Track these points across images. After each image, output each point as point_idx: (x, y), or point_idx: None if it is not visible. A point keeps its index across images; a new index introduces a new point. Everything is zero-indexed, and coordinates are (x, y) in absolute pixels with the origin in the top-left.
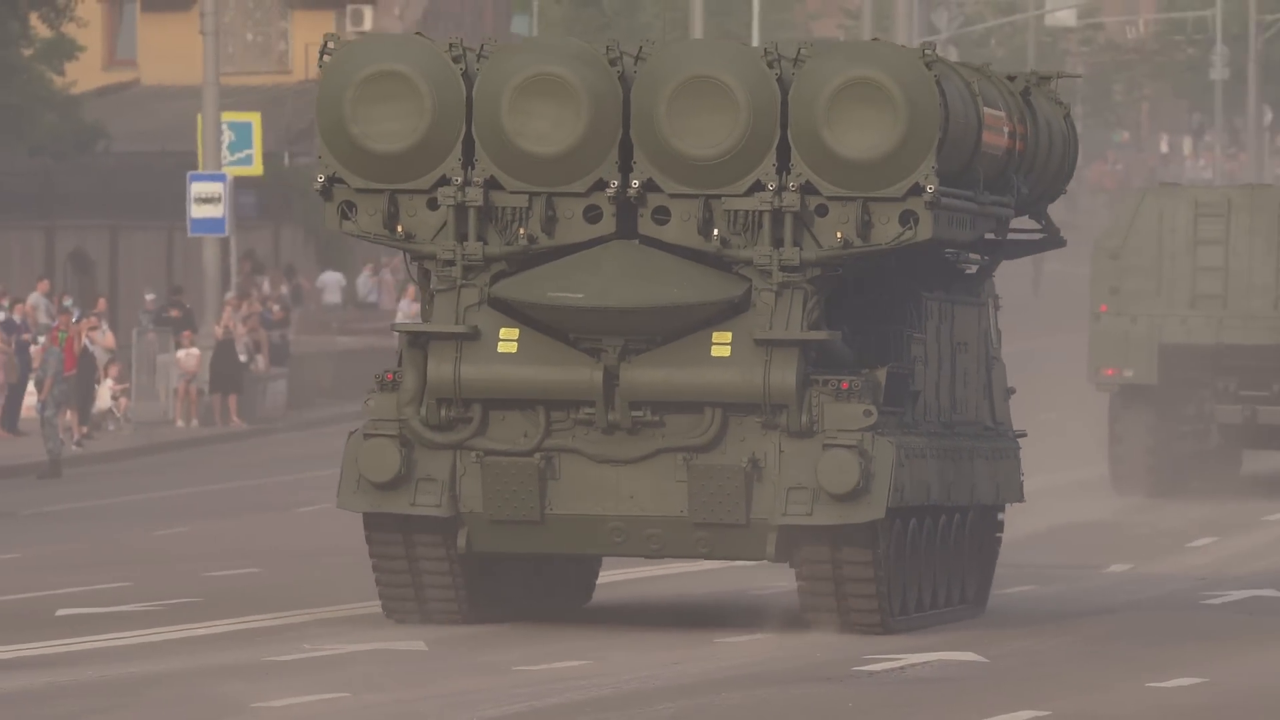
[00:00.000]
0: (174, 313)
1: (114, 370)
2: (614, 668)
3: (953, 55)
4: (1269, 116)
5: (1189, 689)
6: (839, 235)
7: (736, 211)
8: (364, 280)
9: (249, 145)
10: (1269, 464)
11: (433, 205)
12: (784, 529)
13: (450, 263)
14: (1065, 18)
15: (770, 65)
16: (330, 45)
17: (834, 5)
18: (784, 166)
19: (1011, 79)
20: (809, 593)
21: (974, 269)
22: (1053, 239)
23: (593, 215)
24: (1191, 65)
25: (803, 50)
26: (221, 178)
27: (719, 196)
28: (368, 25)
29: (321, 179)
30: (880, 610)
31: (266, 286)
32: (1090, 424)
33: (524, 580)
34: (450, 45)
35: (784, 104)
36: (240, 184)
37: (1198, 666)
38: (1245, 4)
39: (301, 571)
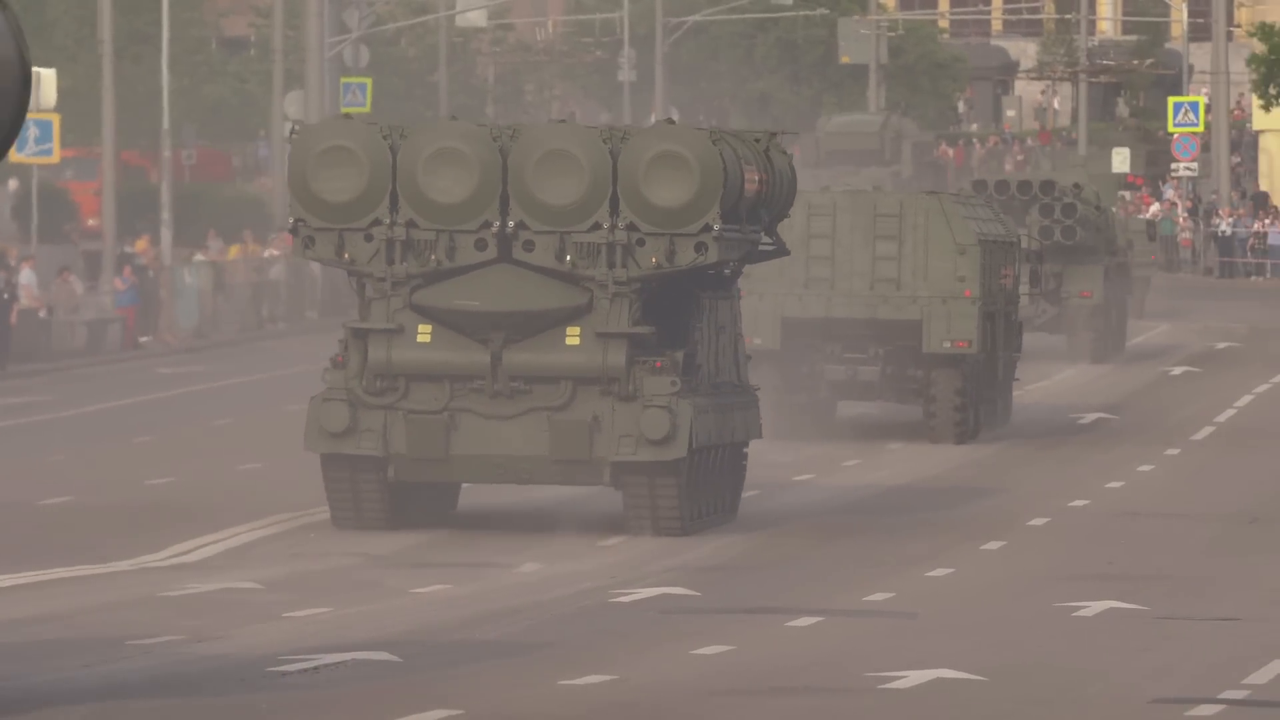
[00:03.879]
0: None
1: None
2: (26, 671)
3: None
4: (676, 117)
5: (600, 686)
6: (654, 260)
7: (582, 243)
8: None
9: None
10: (858, 409)
11: (368, 238)
12: (616, 464)
13: (382, 279)
14: (476, 19)
15: (605, 141)
16: (296, 128)
17: (244, 4)
18: (615, 212)
19: (757, 140)
20: (632, 509)
21: (728, 272)
22: (780, 250)
23: (481, 245)
24: (600, 67)
25: (628, 131)
26: None
27: (570, 232)
28: None
29: (292, 220)
30: (681, 520)
31: None
32: None
33: (405, 501)
34: (380, 127)
35: (614, 169)
36: None
37: (609, 664)
38: (652, 6)
39: None
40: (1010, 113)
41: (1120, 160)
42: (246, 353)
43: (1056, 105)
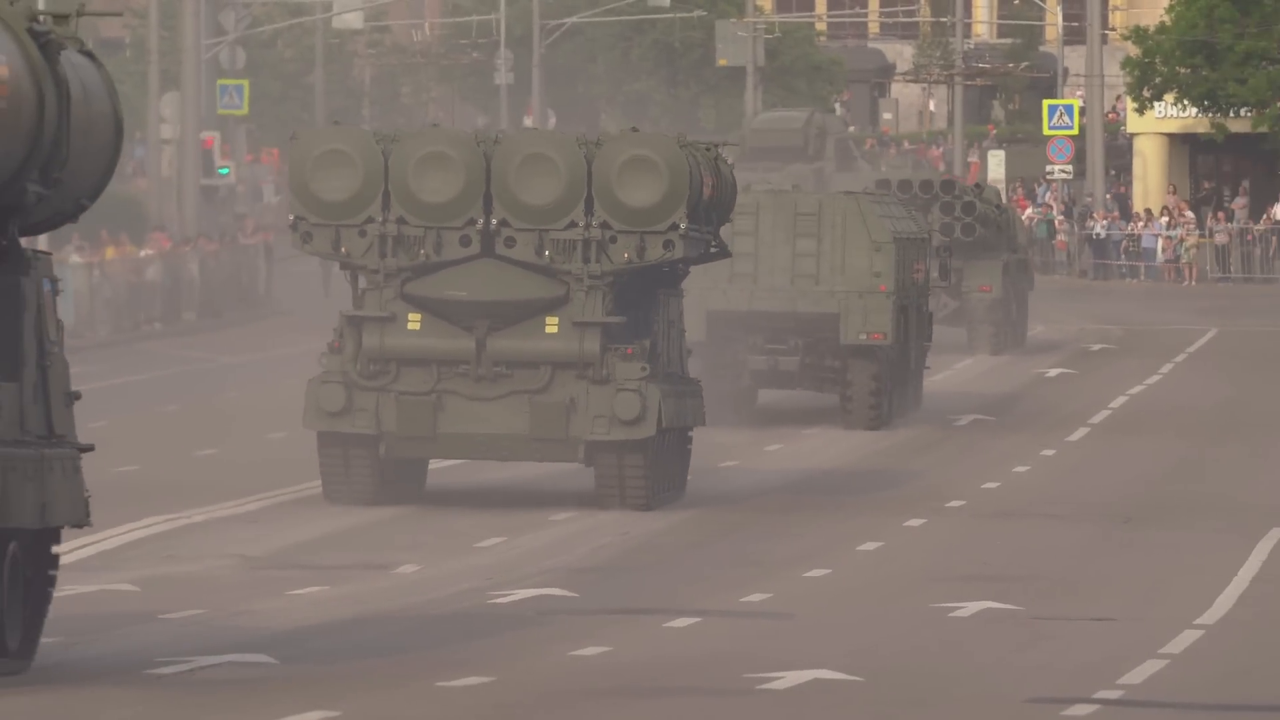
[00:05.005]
0: None
1: None
2: None
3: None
4: (552, 120)
5: (478, 688)
6: (626, 255)
7: (560, 239)
8: None
9: None
10: (777, 397)
11: (362, 234)
12: (590, 443)
13: (376, 272)
14: (352, 21)
15: (580, 146)
16: (296, 133)
17: (119, 3)
18: (590, 211)
19: (707, 149)
20: (603, 484)
21: (679, 272)
22: (724, 251)
23: (465, 241)
24: (476, 69)
25: (601, 137)
26: None
27: (548, 230)
28: None
29: (292, 217)
30: (647, 495)
31: None
32: None
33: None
34: (374, 133)
35: (589, 172)
36: None
37: (486, 665)
38: (529, 9)
39: None
40: (887, 115)
41: (996, 164)
42: (123, 354)
43: (933, 108)
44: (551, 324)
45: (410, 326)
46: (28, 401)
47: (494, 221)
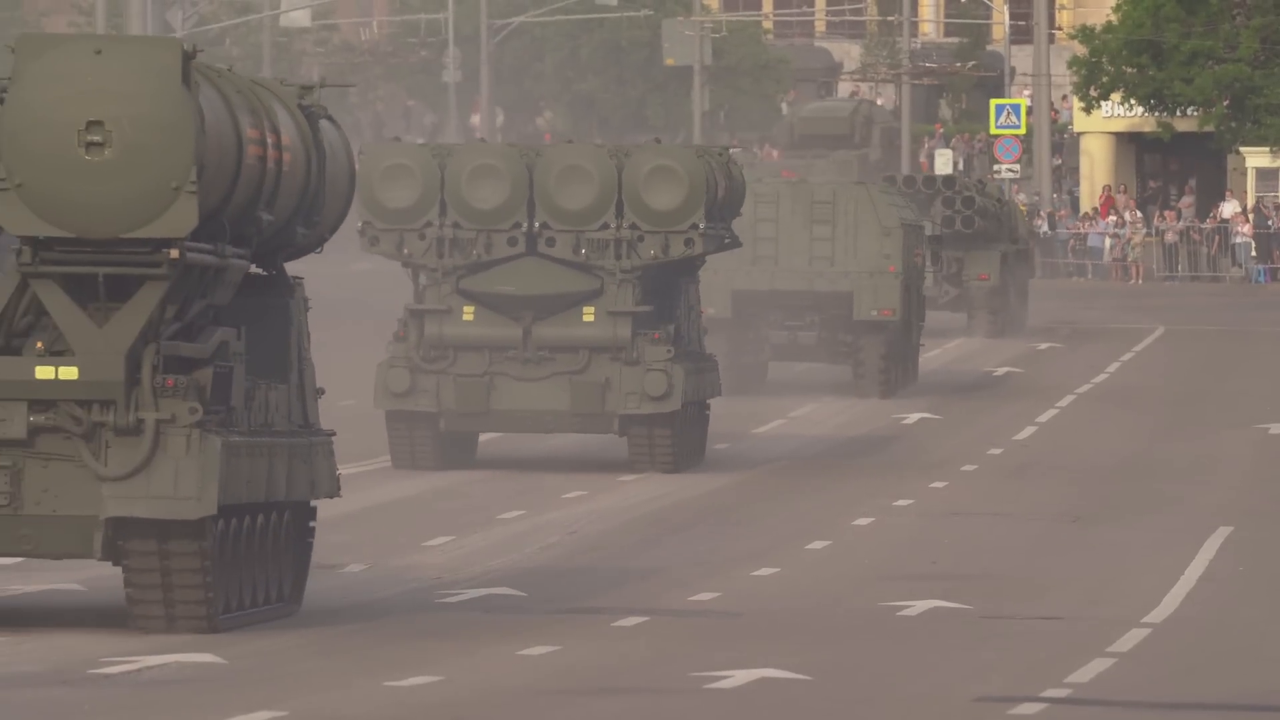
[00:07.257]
0: None
1: None
2: None
3: None
4: (501, 118)
5: (425, 687)
6: (652, 252)
7: (594, 239)
8: None
9: None
10: (791, 370)
11: (422, 237)
12: (623, 416)
13: (434, 270)
14: (300, 18)
15: (611, 157)
16: (363, 149)
17: (66, 3)
18: (620, 214)
19: (720, 154)
20: (635, 453)
21: (699, 263)
22: (735, 242)
23: (512, 242)
24: (425, 67)
25: (630, 150)
26: None
27: (584, 231)
28: None
29: (360, 223)
30: (674, 461)
31: None
32: None
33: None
34: (431, 148)
35: (619, 180)
36: None
37: (434, 665)
38: (477, 7)
39: None
40: None
41: (943, 162)
42: None
43: (880, 105)
44: (588, 313)
45: (465, 317)
46: (293, 399)
47: (536, 224)
